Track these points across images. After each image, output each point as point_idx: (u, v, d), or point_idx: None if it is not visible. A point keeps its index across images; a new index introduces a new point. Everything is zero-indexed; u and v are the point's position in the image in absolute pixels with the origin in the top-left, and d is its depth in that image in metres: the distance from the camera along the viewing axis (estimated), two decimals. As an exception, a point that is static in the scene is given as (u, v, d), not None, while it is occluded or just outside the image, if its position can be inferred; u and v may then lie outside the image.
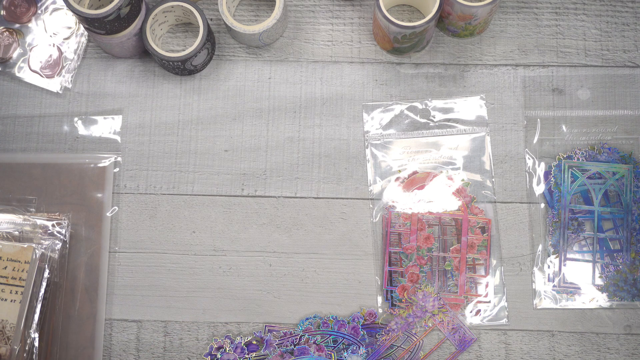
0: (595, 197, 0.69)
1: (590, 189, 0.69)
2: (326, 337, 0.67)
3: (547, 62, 0.73)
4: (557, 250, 0.68)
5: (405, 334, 0.67)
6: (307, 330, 0.68)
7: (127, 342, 0.69)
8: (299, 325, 0.68)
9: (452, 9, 0.68)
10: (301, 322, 0.69)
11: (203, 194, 0.72)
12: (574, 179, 0.69)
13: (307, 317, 0.69)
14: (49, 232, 0.69)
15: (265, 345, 0.67)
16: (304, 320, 0.69)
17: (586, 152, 0.70)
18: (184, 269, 0.71)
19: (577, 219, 0.69)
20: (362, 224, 0.71)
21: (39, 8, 0.75)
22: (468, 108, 0.71)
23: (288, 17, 0.74)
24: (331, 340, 0.68)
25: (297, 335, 0.68)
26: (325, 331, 0.68)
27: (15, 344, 0.64)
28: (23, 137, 0.73)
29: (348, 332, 0.68)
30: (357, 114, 0.73)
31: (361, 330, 0.68)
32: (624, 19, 0.74)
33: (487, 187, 0.70)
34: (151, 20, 0.70)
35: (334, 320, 0.68)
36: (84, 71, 0.74)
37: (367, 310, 0.69)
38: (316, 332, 0.68)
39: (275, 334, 0.68)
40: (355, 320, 0.68)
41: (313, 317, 0.69)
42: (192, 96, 0.73)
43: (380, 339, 0.67)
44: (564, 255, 0.69)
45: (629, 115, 0.71)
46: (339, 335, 0.67)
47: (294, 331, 0.68)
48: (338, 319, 0.68)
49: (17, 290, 0.66)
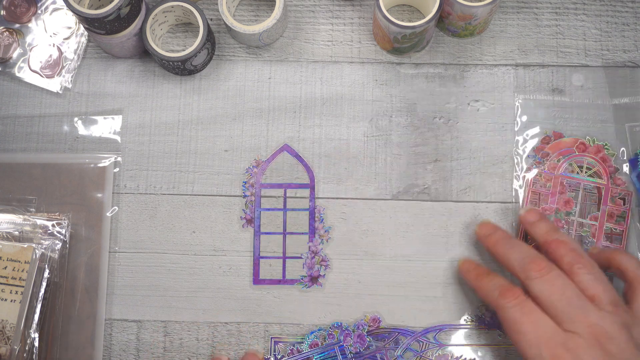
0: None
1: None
2: (333, 355, 0.67)
3: (547, 62, 0.73)
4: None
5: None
6: (313, 345, 0.68)
7: (127, 342, 0.69)
8: (305, 340, 0.68)
9: (452, 9, 0.68)
10: (307, 337, 0.68)
11: (203, 194, 0.72)
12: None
13: (312, 331, 0.69)
14: (49, 232, 0.69)
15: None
16: (309, 335, 0.68)
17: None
18: (184, 269, 0.71)
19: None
20: (362, 224, 0.71)
21: (39, 8, 0.75)
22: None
23: (288, 17, 0.74)
24: (338, 351, 0.68)
25: (305, 354, 0.68)
26: (331, 344, 0.68)
27: (15, 344, 0.64)
28: (23, 137, 0.73)
29: (354, 340, 0.68)
30: (357, 114, 0.73)
31: (367, 337, 0.68)
32: (624, 19, 0.74)
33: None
34: (151, 20, 0.70)
35: (338, 330, 0.68)
36: (84, 71, 0.74)
37: (370, 316, 0.69)
38: (322, 350, 0.68)
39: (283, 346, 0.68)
40: (360, 328, 0.68)
41: (318, 330, 0.69)
42: (192, 96, 0.73)
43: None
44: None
45: None
46: (342, 348, 0.67)
47: (301, 347, 0.68)
48: (343, 327, 0.68)
49: (17, 290, 0.66)
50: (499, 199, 0.71)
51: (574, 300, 0.58)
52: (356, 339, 0.68)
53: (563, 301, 0.58)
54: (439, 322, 0.69)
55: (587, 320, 0.58)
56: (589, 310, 0.58)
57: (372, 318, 0.69)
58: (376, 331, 0.68)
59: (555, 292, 0.58)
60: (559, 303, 0.58)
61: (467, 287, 0.70)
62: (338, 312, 0.70)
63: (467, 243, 0.70)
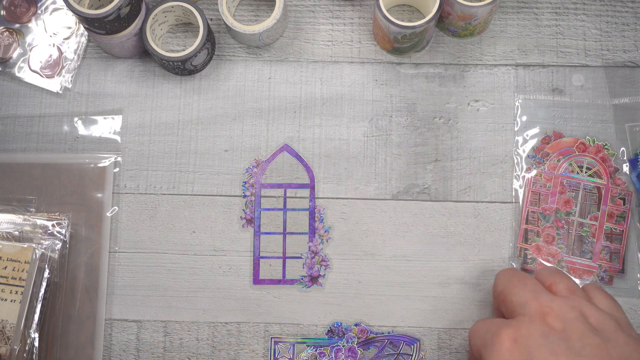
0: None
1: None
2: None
3: (547, 62, 0.73)
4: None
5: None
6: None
7: (127, 342, 0.69)
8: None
9: (452, 9, 0.68)
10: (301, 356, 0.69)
11: (203, 194, 0.72)
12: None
13: (303, 351, 0.68)
14: (49, 232, 0.69)
15: None
16: (301, 356, 0.69)
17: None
18: (184, 269, 0.71)
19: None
20: (361, 224, 0.71)
21: (39, 8, 0.75)
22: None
23: (288, 17, 0.74)
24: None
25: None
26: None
27: (15, 344, 0.64)
28: (23, 137, 0.73)
29: (345, 354, 0.68)
30: (357, 114, 0.73)
31: (358, 349, 0.68)
32: (624, 19, 0.74)
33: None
34: (151, 20, 0.70)
35: (329, 348, 0.68)
36: (84, 71, 0.74)
37: (357, 328, 0.69)
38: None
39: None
40: (349, 342, 0.68)
41: (308, 351, 0.68)
42: (192, 96, 0.73)
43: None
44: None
45: None
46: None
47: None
48: (333, 344, 0.68)
49: (17, 290, 0.66)
50: (499, 199, 0.71)
51: (530, 288, 0.59)
52: (347, 354, 0.68)
53: (521, 293, 0.59)
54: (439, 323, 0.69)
55: (537, 302, 0.58)
56: (541, 294, 0.58)
57: (359, 330, 0.69)
58: (365, 341, 0.68)
59: (517, 285, 0.60)
60: (516, 297, 0.59)
61: (467, 287, 0.70)
62: (338, 312, 0.70)
63: (467, 243, 0.70)
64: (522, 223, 0.70)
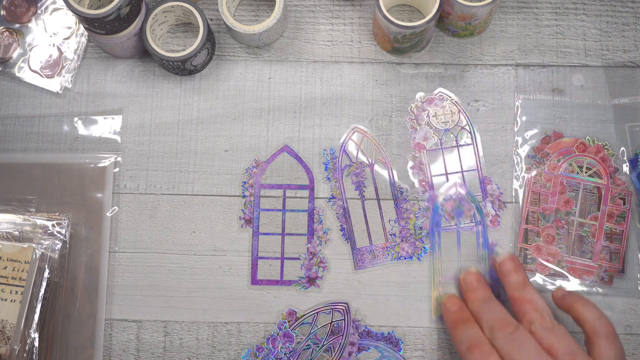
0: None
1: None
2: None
3: (547, 62, 0.73)
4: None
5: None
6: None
7: (127, 342, 0.70)
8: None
9: (452, 9, 0.68)
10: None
11: (203, 194, 0.72)
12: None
13: (243, 355, 0.69)
14: (49, 232, 0.69)
15: None
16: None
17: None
18: (184, 269, 0.71)
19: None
20: (361, 223, 0.71)
21: (39, 8, 0.75)
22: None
23: (288, 17, 0.74)
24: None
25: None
26: (265, 357, 0.68)
27: (15, 344, 0.65)
28: (23, 137, 0.73)
29: (282, 340, 0.68)
30: (357, 114, 0.73)
31: (292, 332, 0.68)
32: (624, 19, 0.74)
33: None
34: (151, 20, 0.70)
35: (266, 343, 0.68)
36: (84, 71, 0.74)
37: (285, 312, 0.69)
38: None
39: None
40: (282, 328, 0.68)
41: (247, 352, 0.68)
42: (192, 96, 0.73)
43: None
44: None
45: None
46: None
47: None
48: (270, 340, 0.68)
49: (17, 290, 0.66)
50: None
51: (532, 354, 0.59)
52: (284, 339, 0.68)
53: (522, 355, 0.59)
54: (439, 323, 0.69)
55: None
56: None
57: (287, 312, 0.69)
58: (296, 323, 0.68)
59: (515, 347, 0.60)
60: (518, 357, 0.59)
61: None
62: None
63: (467, 243, 0.70)
64: (522, 223, 0.70)
